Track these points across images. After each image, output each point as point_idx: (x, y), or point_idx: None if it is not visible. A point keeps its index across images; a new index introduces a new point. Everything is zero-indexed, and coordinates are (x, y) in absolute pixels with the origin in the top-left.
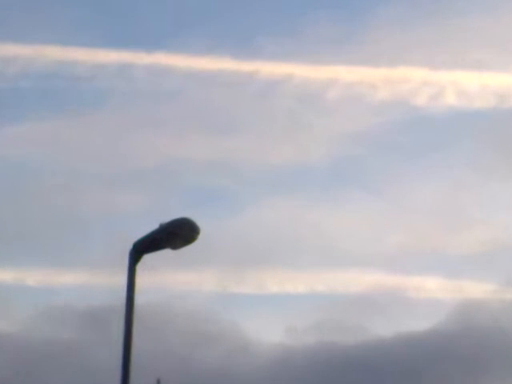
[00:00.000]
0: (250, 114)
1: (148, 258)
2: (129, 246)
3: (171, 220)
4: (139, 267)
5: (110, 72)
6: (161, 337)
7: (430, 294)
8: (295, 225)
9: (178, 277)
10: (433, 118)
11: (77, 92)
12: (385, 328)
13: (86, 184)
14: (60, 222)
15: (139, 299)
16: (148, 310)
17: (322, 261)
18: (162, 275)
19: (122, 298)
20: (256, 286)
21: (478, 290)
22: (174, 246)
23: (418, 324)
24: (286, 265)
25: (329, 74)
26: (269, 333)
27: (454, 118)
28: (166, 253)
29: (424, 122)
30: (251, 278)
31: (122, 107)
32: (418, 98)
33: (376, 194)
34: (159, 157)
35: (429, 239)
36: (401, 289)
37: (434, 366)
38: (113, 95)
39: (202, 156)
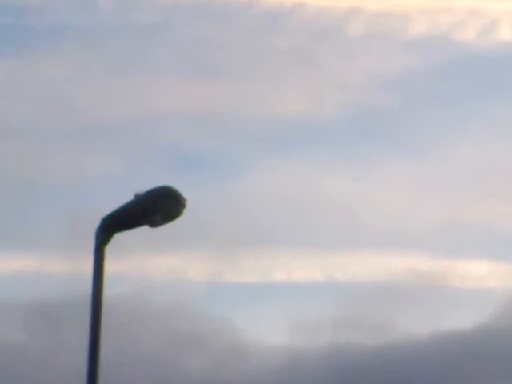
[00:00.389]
0: (247, 54)
1: (119, 238)
2: (95, 223)
3: (149, 189)
4: (108, 249)
5: (66, 1)
6: (135, 338)
7: (477, 282)
8: (307, 195)
9: (158, 262)
10: (482, 57)
11: (25, 27)
12: (419, 326)
13: (37, 143)
14: (4, 192)
15: (107, 290)
16: (119, 304)
17: (340, 240)
18: (137, 260)
19: (86, 289)
20: (256, 274)
21: None
22: (153, 223)
23: (463, 320)
24: (295, 246)
25: (350, 3)
26: (271, 333)
27: (509, 55)
28: (143, 231)
29: (471, 62)
30: (249, 262)
31: (83, 46)
32: (464, 33)
33: (410, 154)
34: (132, 109)
35: (476, 212)
36: (440, 275)
37: (482, 373)
38: (71, 31)
39: (187, 108)
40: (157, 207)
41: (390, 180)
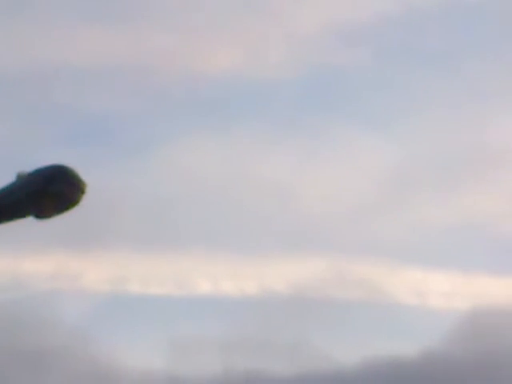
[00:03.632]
0: None
1: None
2: None
3: (37, 168)
4: None
5: None
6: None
7: (423, 298)
8: (237, 180)
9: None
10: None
11: None
12: (346, 350)
13: None
14: None
15: None
16: None
17: (250, 241)
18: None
19: None
20: (139, 281)
21: (492, 287)
22: (42, 214)
23: (403, 345)
24: (199, 247)
25: None
26: (146, 354)
27: None
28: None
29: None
30: (134, 266)
31: None
32: None
33: (377, 129)
34: (16, 61)
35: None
36: (374, 285)
37: None
38: None
39: (87, 61)
40: (48, 192)
41: (349, 164)
